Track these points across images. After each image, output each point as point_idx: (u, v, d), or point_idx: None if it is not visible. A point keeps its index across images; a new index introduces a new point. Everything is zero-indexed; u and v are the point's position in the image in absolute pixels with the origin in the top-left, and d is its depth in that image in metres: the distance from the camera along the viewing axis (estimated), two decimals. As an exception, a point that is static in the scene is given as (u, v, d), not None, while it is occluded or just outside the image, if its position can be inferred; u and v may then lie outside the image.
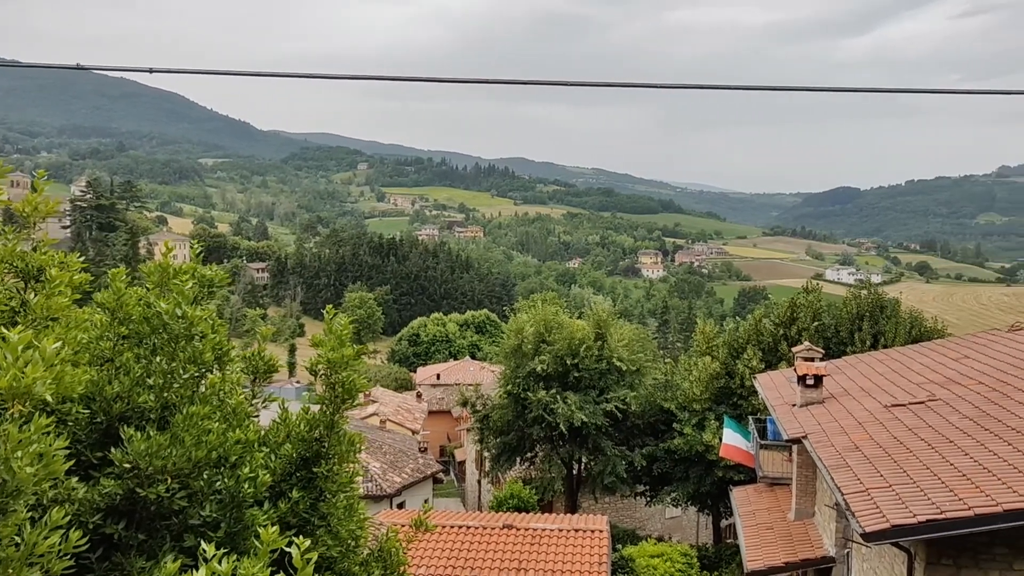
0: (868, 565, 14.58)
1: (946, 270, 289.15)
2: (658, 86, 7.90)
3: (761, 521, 20.27)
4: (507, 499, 29.28)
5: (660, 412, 32.32)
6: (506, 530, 19.64)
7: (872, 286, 39.81)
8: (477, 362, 71.51)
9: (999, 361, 17.91)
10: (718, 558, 28.60)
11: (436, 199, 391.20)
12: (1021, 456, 11.75)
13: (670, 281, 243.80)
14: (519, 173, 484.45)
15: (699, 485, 30.63)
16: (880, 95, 7.95)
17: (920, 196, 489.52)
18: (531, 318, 33.23)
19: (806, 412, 17.88)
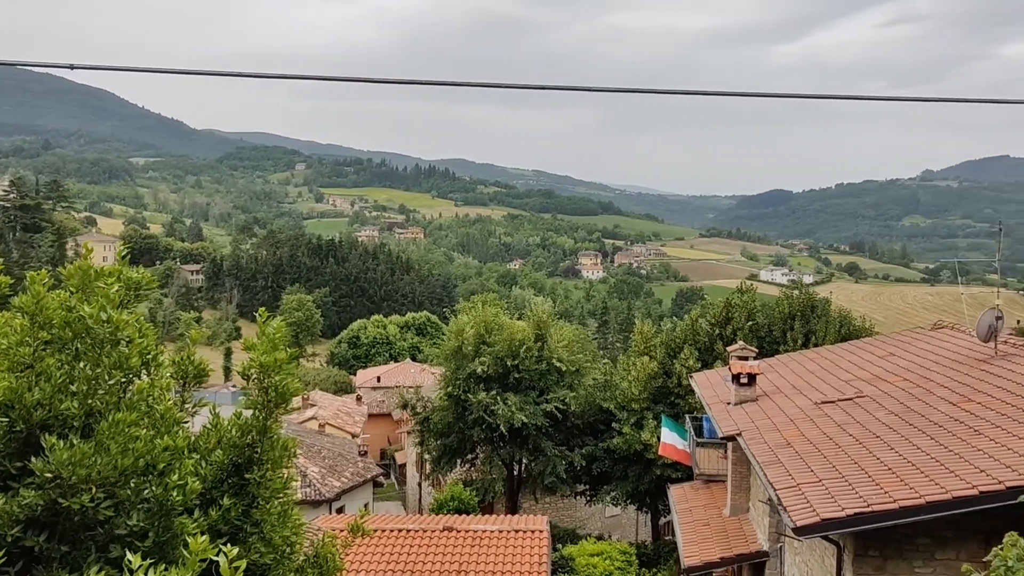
0: (800, 558, 14.96)
1: (874, 270, 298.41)
2: (601, 90, 7.98)
3: (697, 518, 20.63)
4: (448, 501, 29.20)
5: (599, 412, 32.61)
6: (446, 532, 19.59)
7: (804, 286, 40.92)
8: (418, 364, 71.15)
9: (922, 358, 18.58)
10: (657, 555, 28.99)
11: (376, 200, 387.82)
12: (942, 450, 12.20)
13: (610, 282, 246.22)
14: (459, 174, 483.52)
15: (638, 483, 31.01)
16: (810, 100, 8.20)
17: (849, 199, 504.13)
18: (471, 320, 33.21)
19: (740, 410, 18.26)
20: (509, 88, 7.69)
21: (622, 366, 34.15)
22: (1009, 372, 15.32)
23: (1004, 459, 11.03)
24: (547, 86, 7.65)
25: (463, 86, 7.30)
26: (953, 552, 10.95)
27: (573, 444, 32.74)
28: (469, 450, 33.65)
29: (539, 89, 7.56)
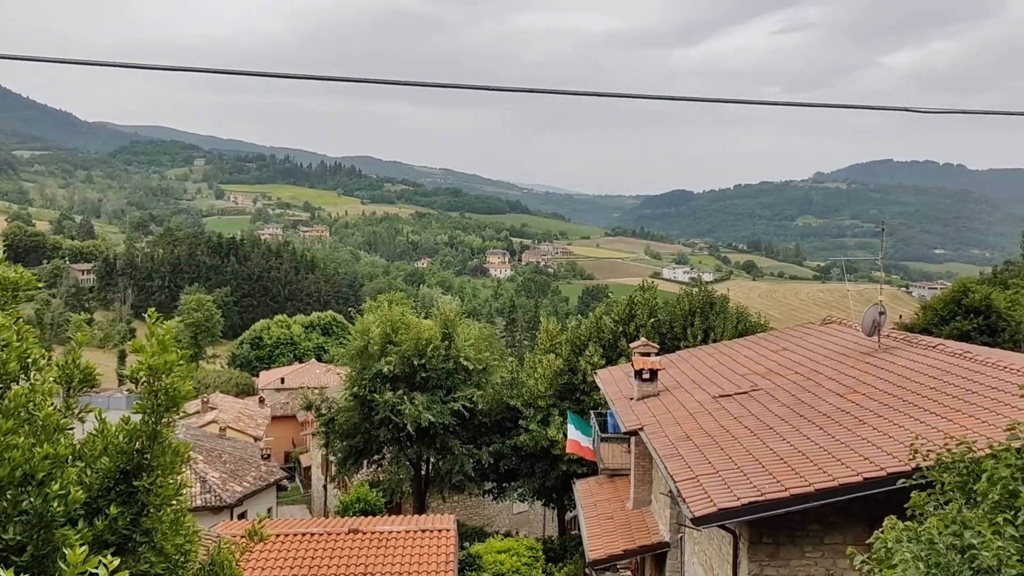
0: (699, 548, 15.41)
1: (770, 268, 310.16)
2: (515, 89, 8.00)
3: (602, 512, 20.99)
4: (353, 503, 28.80)
5: (507, 410, 32.77)
6: (351, 535, 19.31)
7: (703, 284, 42.09)
8: (323, 364, 69.89)
9: (812, 352, 19.42)
10: (563, 549, 29.36)
11: (279, 197, 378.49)
12: (830, 439, 12.78)
13: (517, 280, 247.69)
14: (366, 172, 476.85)
15: (544, 480, 31.32)
16: (710, 103, 8.45)
17: (746, 199, 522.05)
18: (378, 319, 32.83)
19: (643, 405, 18.67)
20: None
21: (529, 364, 34.41)
22: (891, 364, 16.18)
23: (886, 447, 11.65)
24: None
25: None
26: (840, 536, 11.48)
27: (480, 442, 32.80)
28: (375, 451, 33.28)
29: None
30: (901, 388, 14.36)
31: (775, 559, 11.73)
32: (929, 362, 15.58)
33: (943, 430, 10.98)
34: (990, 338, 29.96)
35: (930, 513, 7.42)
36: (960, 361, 15.14)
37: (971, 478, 7.42)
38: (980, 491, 7.06)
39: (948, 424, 11.73)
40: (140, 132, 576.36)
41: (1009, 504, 6.67)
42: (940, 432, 10.77)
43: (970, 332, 30.20)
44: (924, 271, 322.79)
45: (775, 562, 11.72)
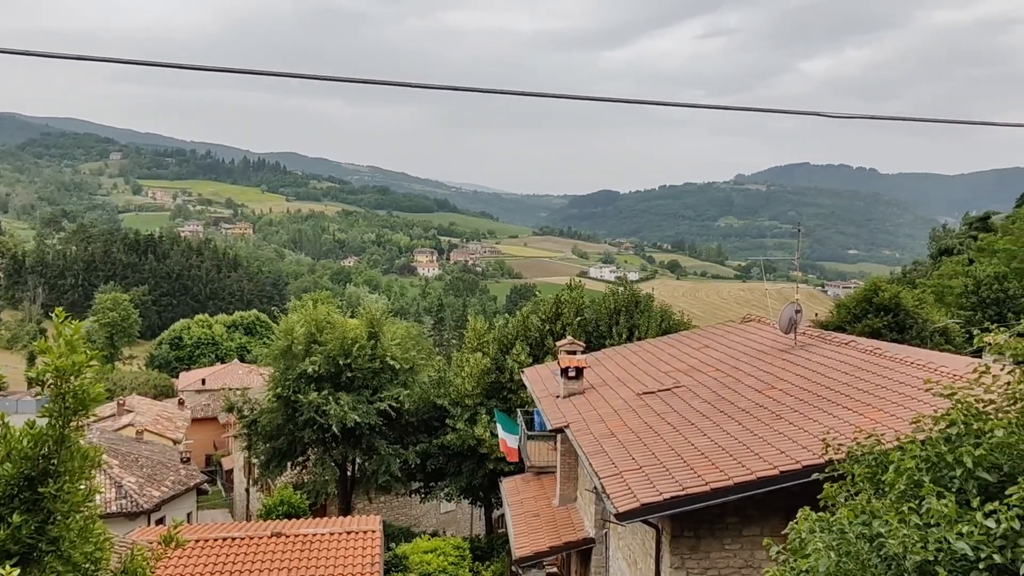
0: (624, 543, 15.63)
1: (693, 268, 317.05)
2: (447, 88, 7.95)
3: (528, 509, 21.10)
4: (277, 506, 28.26)
5: (434, 409, 32.65)
6: (275, 538, 18.93)
7: (629, 283, 42.73)
8: (246, 365, 68.37)
9: (733, 349, 19.91)
10: (490, 548, 29.42)
11: (200, 193, 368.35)
12: (749, 434, 13.12)
13: (445, 279, 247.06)
14: (291, 168, 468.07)
15: (471, 478, 31.32)
16: (637, 105, 8.52)
17: (671, 200, 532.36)
18: (302, 318, 32.30)
19: (568, 403, 18.83)
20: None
21: (456, 363, 34.37)
22: (806, 361, 16.71)
23: (801, 440, 12.02)
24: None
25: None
26: (758, 528, 11.80)
27: (407, 442, 32.60)
28: (300, 452, 32.74)
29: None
30: (816, 384, 14.84)
31: (696, 552, 11.98)
32: (842, 358, 16.14)
33: (854, 424, 11.40)
34: (899, 335, 31.26)
35: (841, 504, 7.68)
36: (871, 357, 15.74)
37: (879, 469, 7.71)
38: (887, 482, 7.34)
39: (859, 418, 12.17)
40: (51, 124, 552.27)
41: (914, 494, 6.95)
42: (851, 426, 11.18)
43: (880, 329, 31.43)
44: (838, 271, 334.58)
45: (696, 555, 11.97)
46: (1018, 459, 6.75)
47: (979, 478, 6.92)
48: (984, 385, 7.96)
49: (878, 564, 6.54)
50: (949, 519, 6.32)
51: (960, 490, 6.92)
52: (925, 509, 6.58)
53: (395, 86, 7.19)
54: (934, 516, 6.45)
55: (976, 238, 65.25)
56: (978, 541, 6.12)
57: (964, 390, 7.82)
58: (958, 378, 10.17)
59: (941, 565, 6.19)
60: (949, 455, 7.09)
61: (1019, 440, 6.84)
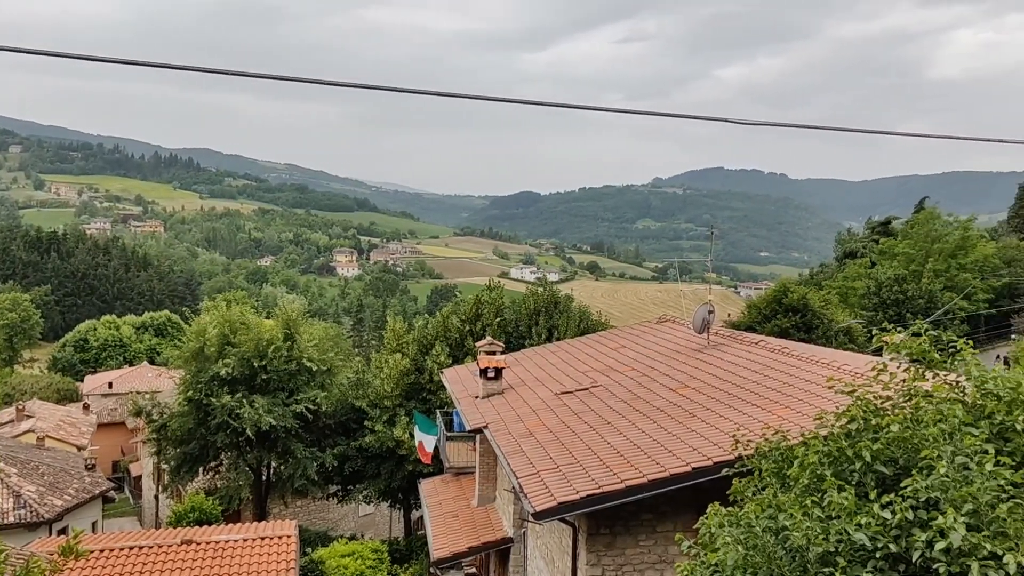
0: (541, 541, 15.74)
1: (612, 269, 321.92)
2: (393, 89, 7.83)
3: (447, 510, 21.04)
4: (188, 513, 27.41)
5: (352, 411, 32.24)
6: (184, 546, 18.36)
7: (549, 284, 43.11)
8: (156, 367, 66.06)
9: (649, 349, 20.29)
10: (409, 550, 29.21)
11: (108, 190, 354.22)
12: (663, 432, 13.39)
13: (365, 279, 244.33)
14: (205, 165, 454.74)
15: (390, 480, 31.04)
16: (557, 108, 8.59)
17: (591, 202, 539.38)
18: (215, 319, 31.41)
19: (487, 403, 18.86)
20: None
21: (375, 364, 34.02)
22: (718, 360, 17.16)
23: (712, 438, 12.33)
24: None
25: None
26: (671, 524, 12.05)
27: (325, 444, 32.08)
28: (212, 457, 31.85)
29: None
30: (727, 382, 15.26)
31: (611, 548, 12.16)
32: (752, 357, 16.64)
33: (763, 420, 11.76)
34: (806, 334, 32.44)
35: (749, 499, 7.91)
36: (779, 356, 16.27)
37: (785, 464, 7.97)
38: (792, 476, 7.59)
39: (767, 415, 12.56)
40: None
41: (817, 487, 7.21)
42: (760, 422, 11.52)
43: (789, 329, 32.55)
44: (750, 272, 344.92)
45: (611, 551, 12.15)
46: (912, 453, 7.07)
47: (877, 471, 7.22)
48: (882, 383, 8.31)
49: (783, 556, 6.76)
50: (849, 511, 6.58)
51: (859, 483, 7.20)
52: (827, 502, 6.83)
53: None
54: (835, 509, 6.71)
55: (878, 242, 68.27)
56: (875, 532, 6.38)
57: (864, 387, 8.15)
58: (859, 376, 10.61)
59: (841, 556, 6.44)
60: (849, 450, 7.38)
61: (913, 435, 7.17)
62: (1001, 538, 5.80)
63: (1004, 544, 5.73)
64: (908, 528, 6.27)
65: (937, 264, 58.67)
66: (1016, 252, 64.25)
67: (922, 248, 60.44)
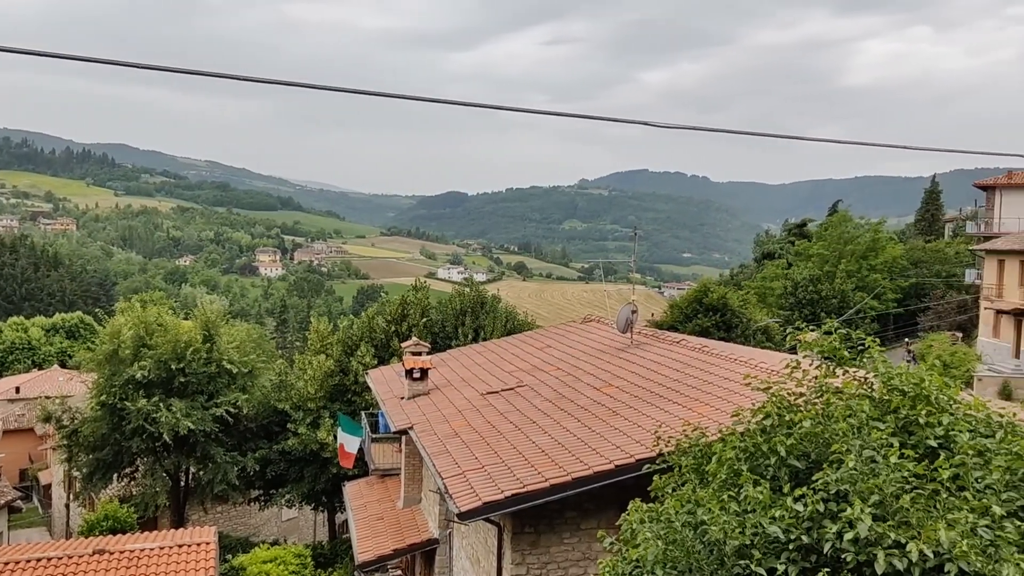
0: (467, 542, 15.72)
1: (539, 269, 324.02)
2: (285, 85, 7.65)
3: (372, 512, 20.82)
4: (101, 521, 26.45)
5: (274, 413, 31.62)
6: (97, 556, 17.67)
7: (476, 284, 43.11)
8: (68, 371, 63.44)
9: (574, 349, 20.49)
10: (334, 554, 28.83)
11: (15, 185, 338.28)
12: (587, 430, 13.53)
13: (289, 279, 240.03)
14: (121, 161, 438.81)
15: (314, 483, 30.55)
16: (485, 108, 8.58)
17: (518, 203, 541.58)
18: (130, 320, 30.35)
19: (413, 404, 18.74)
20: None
21: (298, 365, 33.42)
22: (641, 359, 17.45)
23: (635, 435, 12.52)
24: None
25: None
26: (595, 521, 12.18)
27: (246, 448, 31.36)
28: (127, 463, 30.78)
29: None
30: (649, 380, 15.52)
31: (536, 547, 12.22)
32: (674, 356, 16.97)
33: (683, 418, 11.98)
34: (726, 333, 33.27)
35: (669, 494, 8.06)
36: (699, 355, 16.64)
37: (704, 460, 8.15)
38: (711, 472, 7.77)
39: (688, 412, 12.82)
40: None
41: (734, 482, 7.40)
42: (681, 420, 11.73)
43: (709, 328, 33.32)
44: (674, 273, 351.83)
45: (536, 550, 12.21)
46: (823, 447, 7.31)
47: (790, 466, 7.45)
48: (796, 380, 8.58)
49: (701, 550, 6.90)
50: (764, 505, 6.77)
51: (774, 477, 7.42)
52: (743, 496, 7.01)
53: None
54: (751, 503, 6.89)
55: (794, 243, 70.52)
56: (788, 524, 6.58)
57: (778, 385, 8.40)
58: (774, 374, 10.94)
59: (757, 548, 6.62)
60: (765, 445, 7.59)
61: (824, 430, 7.42)
62: (904, 527, 6.05)
63: (907, 533, 5.97)
64: (819, 520, 6.48)
65: (849, 265, 60.88)
66: (922, 254, 67.24)
67: (835, 250, 62.64)
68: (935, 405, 7.64)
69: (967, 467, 6.70)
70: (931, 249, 68.45)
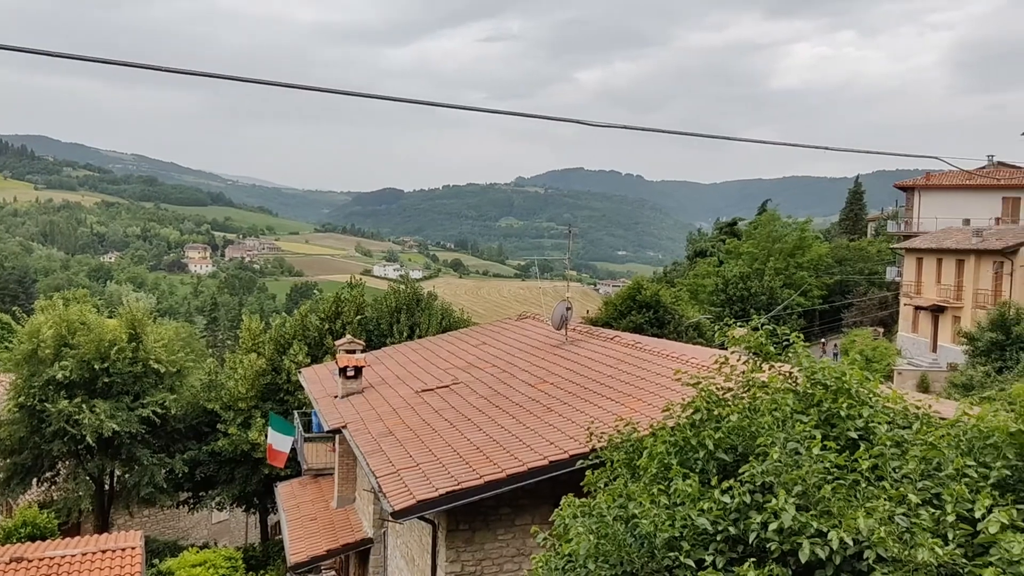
0: (402, 540, 15.63)
1: (476, 267, 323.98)
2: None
3: (305, 513, 20.54)
4: (18, 528, 25.36)
5: (204, 414, 30.88)
6: (14, 564, 17.00)
7: (411, 281, 42.81)
8: (-17, 372, 60.89)
9: (509, 346, 20.55)
10: (266, 556, 28.33)
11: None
12: (522, 427, 13.59)
13: (220, 277, 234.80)
14: (41, 154, 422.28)
15: (245, 485, 29.96)
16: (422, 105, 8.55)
17: (454, 200, 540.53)
18: (51, 319, 29.24)
19: (347, 402, 18.54)
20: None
21: (229, 364, 32.72)
22: (575, 355, 17.60)
23: (568, 431, 12.63)
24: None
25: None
26: (529, 517, 12.25)
27: (174, 450, 30.55)
28: (48, 467, 29.64)
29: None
30: (583, 377, 15.67)
31: (471, 544, 12.23)
32: (607, 352, 17.17)
33: (616, 413, 12.14)
34: (659, 330, 33.80)
35: (601, 489, 8.15)
36: (632, 351, 16.86)
37: (635, 455, 8.26)
38: (642, 466, 7.88)
39: (621, 408, 12.99)
40: None
41: (664, 476, 7.52)
42: (614, 415, 11.89)
43: (643, 324, 33.81)
44: (609, 270, 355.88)
45: (471, 547, 12.22)
46: (750, 440, 7.49)
47: (718, 459, 7.61)
48: (724, 375, 8.76)
49: (632, 543, 7.00)
50: (693, 498, 6.90)
51: (703, 470, 7.57)
52: (673, 490, 7.13)
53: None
54: (680, 496, 7.01)
55: (725, 242, 72.05)
56: (716, 516, 6.72)
57: (707, 379, 8.57)
58: (704, 369, 11.15)
59: (686, 540, 6.74)
60: (694, 439, 7.74)
61: (751, 423, 7.60)
62: (826, 517, 6.24)
63: (829, 522, 6.16)
64: (746, 511, 6.63)
65: (777, 263, 62.50)
66: (846, 252, 69.47)
67: (764, 248, 64.23)
68: (856, 398, 7.89)
69: (885, 458, 6.95)
70: (855, 247, 70.80)
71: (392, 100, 8.19)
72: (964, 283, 42.53)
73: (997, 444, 7.17)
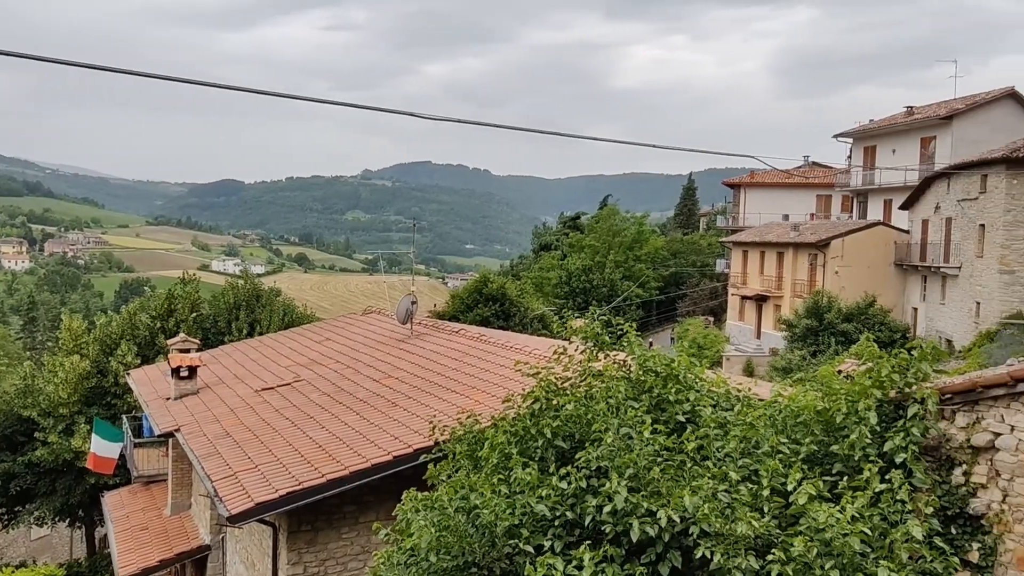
0: (241, 545, 15.07)
1: (321, 261, 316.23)
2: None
3: (135, 523, 19.38)
4: None
5: (19, 422, 28.43)
6: None
7: (252, 276, 41.26)
8: None
9: (354, 341, 20.24)
10: (93, 571, 26.53)
11: None
12: (366, 423, 13.41)
13: (39, 273, 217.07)
14: None
15: (68, 496, 27.86)
16: (263, 95, 8.05)
17: (299, 192, 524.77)
18: None
19: (181, 404, 17.65)
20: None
21: (48, 368, 30.29)
22: (421, 349, 17.57)
23: (413, 426, 12.58)
24: None
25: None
26: (374, 514, 12.09)
27: (-16, 463, 28.00)
28: None
29: None
30: (428, 370, 15.66)
31: (314, 545, 11.95)
32: (452, 345, 17.24)
33: (461, 406, 12.19)
34: (505, 322, 34.27)
35: (443, 482, 8.18)
36: (477, 344, 17.03)
37: (477, 446, 8.35)
38: (483, 457, 7.98)
39: (465, 400, 13.08)
40: None
41: (505, 466, 7.65)
42: (458, 408, 11.95)
43: (489, 317, 34.18)
44: (457, 264, 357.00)
45: (314, 548, 11.94)
46: (586, 427, 7.75)
47: (557, 446, 7.82)
48: (563, 364, 9.01)
49: (473, 534, 7.07)
50: (532, 485, 7.06)
51: (542, 459, 7.76)
52: (513, 479, 7.27)
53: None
54: (520, 484, 7.16)
55: (568, 235, 74.06)
56: (554, 502, 6.91)
57: (546, 369, 8.78)
58: (544, 359, 11.42)
59: (525, 527, 6.89)
60: (533, 428, 7.92)
61: (587, 411, 7.86)
62: (656, 497, 6.55)
63: (658, 502, 6.48)
64: (582, 496, 6.86)
65: (618, 256, 64.92)
66: (680, 245, 73.22)
67: (605, 241, 66.53)
68: (683, 383, 8.34)
69: (709, 438, 7.38)
70: (688, 241, 74.71)
71: (235, 89, 7.82)
72: (784, 274, 45.85)
73: (806, 422, 7.79)
